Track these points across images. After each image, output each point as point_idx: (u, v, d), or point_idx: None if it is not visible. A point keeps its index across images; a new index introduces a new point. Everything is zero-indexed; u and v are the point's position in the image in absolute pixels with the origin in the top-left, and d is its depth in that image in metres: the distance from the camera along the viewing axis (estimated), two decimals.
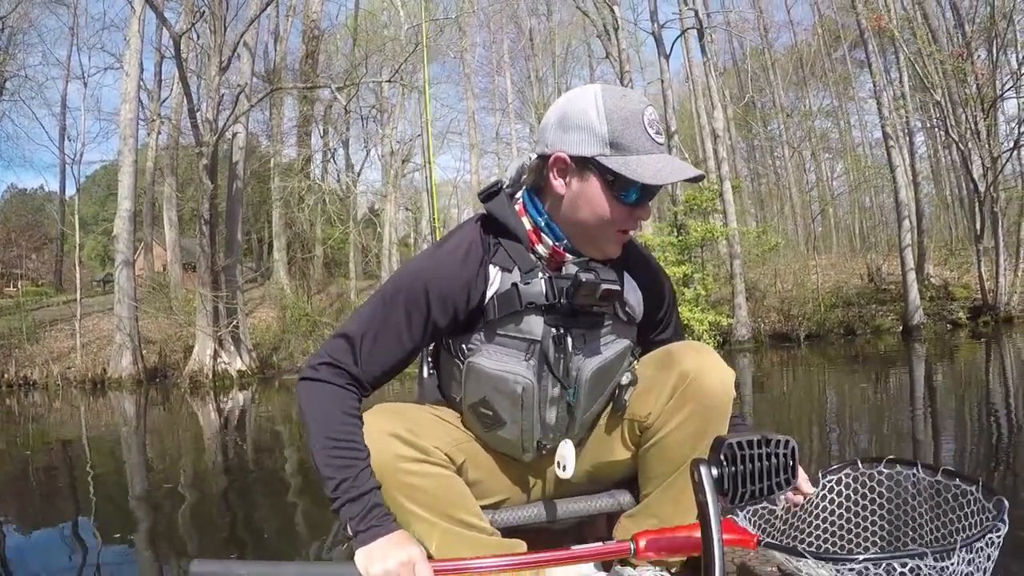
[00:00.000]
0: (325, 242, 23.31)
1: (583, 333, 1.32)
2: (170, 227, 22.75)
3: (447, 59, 26.82)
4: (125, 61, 14.69)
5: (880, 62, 16.28)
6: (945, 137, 16.23)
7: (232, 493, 4.78)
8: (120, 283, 14.65)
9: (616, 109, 1.20)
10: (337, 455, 1.18)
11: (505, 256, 1.29)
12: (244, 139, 16.54)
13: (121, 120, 14.72)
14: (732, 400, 1.34)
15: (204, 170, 14.07)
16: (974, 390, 7.33)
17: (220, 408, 11.05)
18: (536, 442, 1.38)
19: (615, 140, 1.19)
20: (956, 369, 9.39)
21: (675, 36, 21.04)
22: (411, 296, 1.26)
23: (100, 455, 6.94)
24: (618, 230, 1.26)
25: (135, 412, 11.12)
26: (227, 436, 7.92)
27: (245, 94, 14.47)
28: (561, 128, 1.23)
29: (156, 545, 3.70)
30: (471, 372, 1.32)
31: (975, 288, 15.09)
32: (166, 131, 21.31)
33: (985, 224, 13.88)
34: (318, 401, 1.23)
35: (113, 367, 14.82)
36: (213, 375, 14.68)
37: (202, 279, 14.69)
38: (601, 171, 1.21)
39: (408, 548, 1.11)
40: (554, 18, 28.73)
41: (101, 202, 30.85)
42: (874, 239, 24.52)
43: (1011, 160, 13.37)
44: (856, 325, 15.87)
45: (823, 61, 27.81)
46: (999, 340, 11.91)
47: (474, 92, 28.68)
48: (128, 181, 14.50)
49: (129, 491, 5.04)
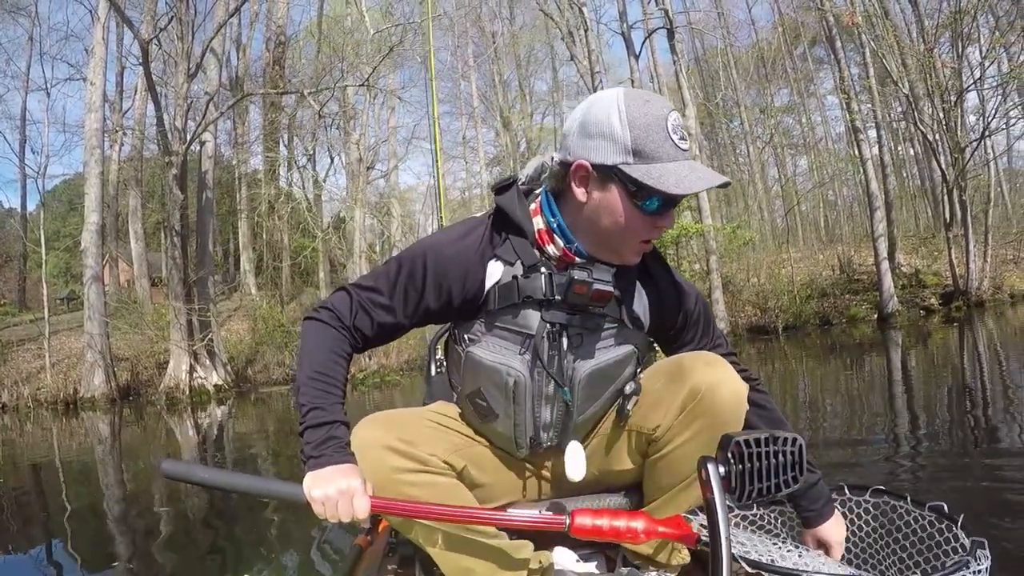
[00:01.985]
0: (297, 252, 22.98)
1: (581, 333, 1.31)
2: (136, 240, 22.23)
3: (412, 64, 26.72)
4: (89, 70, 14.28)
5: (845, 58, 16.60)
6: (913, 129, 16.59)
7: (212, 512, 4.62)
8: (90, 299, 14.22)
9: (639, 116, 1.17)
10: (315, 385, 1.23)
11: (510, 250, 1.30)
12: (213, 148, 16.24)
13: (86, 131, 14.31)
14: (744, 414, 1.30)
15: (174, 180, 13.76)
16: (952, 372, 7.48)
17: (198, 424, 10.78)
18: (529, 439, 1.38)
19: (638, 148, 1.17)
20: (933, 353, 9.58)
21: (642, 36, 21.24)
22: (410, 270, 1.29)
23: (75, 478, 6.68)
24: (639, 240, 1.26)
25: (110, 432, 10.80)
26: (207, 453, 7.71)
27: (214, 102, 14.17)
28: (583, 135, 1.22)
29: (134, 567, 3.54)
30: (469, 361, 1.34)
31: (945, 275, 15.46)
32: (129, 142, 20.85)
33: (954, 212, 14.21)
34: (313, 338, 1.29)
35: (85, 386, 14.39)
36: (190, 390, 14.34)
37: (175, 292, 14.35)
38: (624, 180, 1.19)
39: (351, 478, 1.15)
40: (517, 21, 28.81)
41: (62, 218, 30.10)
42: (839, 231, 25.04)
43: (977, 150, 13.68)
44: (831, 315, 16.15)
45: (784, 59, 28.33)
46: (972, 324, 12.20)
47: (438, 97, 28.54)
48: (95, 193, 14.09)
49: (107, 513, 4.85)
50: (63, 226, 28.86)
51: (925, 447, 4.08)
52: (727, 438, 1.06)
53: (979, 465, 3.56)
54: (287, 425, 9.68)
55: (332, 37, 21.05)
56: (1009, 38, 12.64)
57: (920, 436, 4.44)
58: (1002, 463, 3.49)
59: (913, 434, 4.57)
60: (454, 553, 1.29)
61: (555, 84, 32.43)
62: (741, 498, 1.05)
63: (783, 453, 1.07)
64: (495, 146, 30.27)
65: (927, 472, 3.56)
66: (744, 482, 1.04)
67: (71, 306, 26.60)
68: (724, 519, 1.02)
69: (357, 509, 1.14)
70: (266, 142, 22.78)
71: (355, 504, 1.13)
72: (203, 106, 14.05)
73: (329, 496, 1.13)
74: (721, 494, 1.04)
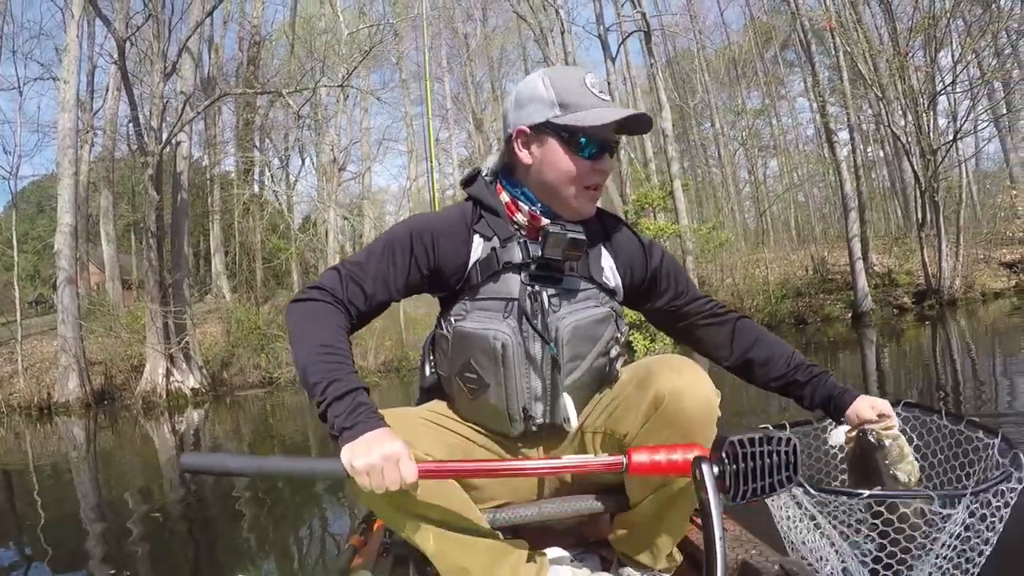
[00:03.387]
0: (273, 253, 22.71)
1: (559, 295, 1.38)
2: (107, 242, 21.73)
3: (387, 65, 26.60)
4: (62, 69, 13.94)
5: (821, 62, 16.91)
6: (886, 132, 16.95)
7: (202, 512, 4.52)
8: (63, 302, 13.87)
9: (559, 77, 1.35)
10: (324, 360, 1.20)
11: (486, 226, 1.40)
12: (188, 148, 15.97)
13: (60, 130, 13.95)
14: (715, 420, 1.29)
15: (150, 181, 13.51)
16: (927, 368, 7.64)
17: (176, 429, 10.56)
18: (522, 409, 1.39)
19: (563, 101, 1.33)
20: (907, 350, 9.80)
21: (617, 38, 21.36)
22: (399, 239, 1.36)
23: (51, 484, 6.47)
24: (584, 186, 1.37)
25: (86, 437, 10.54)
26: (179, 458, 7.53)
27: (190, 103, 13.95)
28: (517, 107, 1.38)
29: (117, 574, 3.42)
30: (456, 336, 1.38)
31: (918, 274, 15.81)
32: (100, 142, 20.42)
33: (927, 213, 14.54)
34: (307, 316, 1.28)
35: (59, 391, 14.03)
36: (167, 394, 14.09)
37: (151, 294, 14.08)
38: (556, 131, 1.34)
39: (393, 442, 1.10)
40: (489, 23, 28.81)
41: (30, 219, 29.34)
42: (809, 232, 25.47)
43: (949, 152, 14.01)
44: (806, 314, 16.42)
45: (755, 62, 28.74)
46: (944, 322, 12.49)
47: (411, 98, 28.56)
48: (68, 195, 13.74)
49: (84, 521, 4.66)
50: (31, 228, 28.11)
51: None
52: (721, 438, 1.07)
53: None
54: (264, 428, 9.56)
55: (306, 37, 20.88)
56: (980, 43, 12.98)
57: None
58: None
59: None
60: (449, 552, 1.27)
61: None
62: (735, 498, 1.06)
63: (777, 453, 1.08)
64: (467, 147, 30.26)
65: None
66: (738, 482, 1.06)
67: (39, 309, 25.92)
68: (719, 519, 1.03)
69: (405, 474, 1.09)
70: (240, 143, 22.48)
71: (402, 469, 1.09)
72: (179, 106, 13.83)
73: (374, 464, 1.07)
74: (716, 494, 1.05)
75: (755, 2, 29.01)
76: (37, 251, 26.04)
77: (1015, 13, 13.57)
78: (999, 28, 13.23)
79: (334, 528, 3.72)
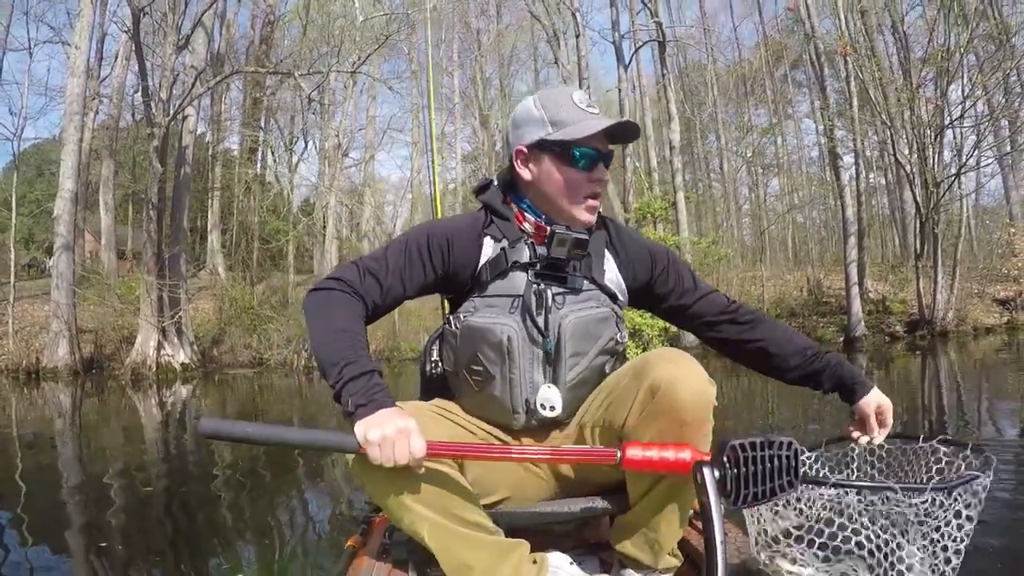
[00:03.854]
0: (271, 234, 22.62)
1: (563, 292, 1.45)
2: (106, 211, 21.59)
3: (395, 56, 26.47)
4: (75, 34, 13.85)
5: (831, 86, 16.97)
6: (891, 160, 17.02)
7: (200, 508, 4.33)
8: (59, 268, 13.80)
9: (548, 98, 1.45)
10: (341, 342, 1.27)
11: (497, 230, 1.48)
12: (195, 123, 15.92)
13: (67, 95, 13.85)
14: (710, 412, 1.31)
15: (155, 152, 13.46)
16: (916, 397, 7.63)
17: (163, 402, 10.52)
18: (525, 401, 1.44)
19: (553, 119, 1.42)
20: (897, 378, 9.81)
21: (631, 47, 21.36)
22: (417, 240, 1.44)
23: (35, 451, 6.35)
24: (584, 196, 1.46)
25: (72, 405, 10.49)
26: (172, 432, 7.45)
27: (202, 78, 13.89)
28: (514, 129, 1.50)
29: (89, 547, 3.37)
30: (464, 330, 1.44)
31: (912, 303, 15.88)
32: (105, 111, 20.24)
33: (925, 243, 14.61)
34: (326, 304, 1.36)
35: (48, 356, 13.96)
36: (157, 367, 14.03)
37: (147, 266, 14.03)
38: (550, 147, 1.43)
39: (405, 419, 1.17)
40: (503, 20, 28.76)
41: (28, 182, 29.09)
42: (806, 253, 25.55)
43: (952, 186, 14.08)
44: None
45: (764, 79, 28.80)
46: (935, 353, 12.55)
47: (419, 89, 28.51)
48: (72, 160, 13.65)
49: (64, 490, 4.61)
50: (29, 191, 27.87)
51: None
52: (723, 442, 1.08)
53: None
54: (251, 408, 9.53)
55: (320, 20, 20.79)
56: (991, 79, 13.03)
57: None
58: None
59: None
60: (452, 549, 1.30)
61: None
62: (736, 502, 1.07)
63: (778, 457, 1.09)
64: (471, 143, 30.21)
65: None
66: (739, 486, 1.07)
67: (31, 273, 25.72)
68: (720, 523, 1.04)
69: (414, 449, 1.15)
70: (247, 121, 22.38)
71: (412, 444, 1.15)
72: (189, 79, 13.76)
73: (387, 436, 1.13)
74: (716, 498, 1.06)
75: (769, 20, 29.16)
76: (34, 215, 25.82)
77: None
78: (1011, 67, 13.31)
79: (334, 528, 3.68)
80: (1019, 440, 4.80)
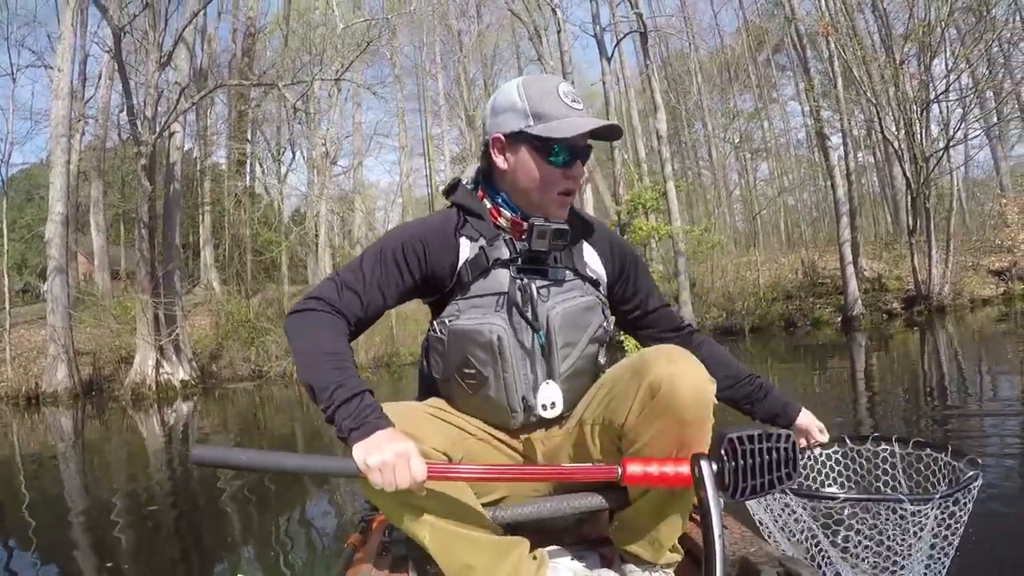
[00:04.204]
0: (264, 247, 22.55)
1: (547, 285, 1.44)
2: (97, 232, 21.51)
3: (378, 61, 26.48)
4: (57, 57, 13.80)
5: (814, 67, 16.98)
6: (879, 138, 17.06)
7: (199, 511, 4.42)
8: (53, 291, 13.76)
9: (534, 87, 1.39)
10: (328, 365, 1.25)
11: (472, 229, 1.45)
12: (182, 139, 15.87)
13: (53, 118, 13.82)
14: (710, 410, 1.30)
15: (143, 171, 13.40)
16: (917, 373, 7.71)
17: (165, 421, 10.50)
18: (522, 399, 1.42)
19: (536, 111, 1.38)
20: (897, 354, 9.88)
21: (612, 40, 21.38)
22: (391, 248, 1.40)
23: (39, 475, 6.36)
24: (558, 192, 1.42)
25: (74, 428, 10.46)
26: (175, 451, 7.42)
27: (186, 93, 13.84)
28: (493, 115, 1.44)
29: (100, 569, 3.36)
30: (452, 335, 1.41)
31: (907, 280, 15.91)
32: (91, 131, 20.16)
33: (918, 219, 14.64)
34: (308, 325, 1.33)
35: (47, 381, 13.92)
36: (156, 386, 14.00)
37: (142, 285, 13.98)
38: (529, 140, 1.39)
39: (404, 441, 1.15)
40: (483, 20, 28.76)
41: (18, 208, 29.02)
42: (798, 236, 25.58)
43: (941, 160, 14.10)
44: (796, 318, 16.52)
45: (747, 65, 28.82)
46: (933, 328, 12.60)
47: (403, 93, 28.53)
48: (60, 183, 13.62)
49: (70, 512, 4.58)
50: (19, 216, 27.81)
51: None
52: (720, 435, 1.08)
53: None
54: (253, 421, 9.52)
55: (300, 30, 20.72)
56: (973, 52, 13.05)
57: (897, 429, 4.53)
58: None
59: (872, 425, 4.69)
60: (453, 548, 1.29)
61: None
62: (735, 495, 1.07)
63: (776, 450, 1.09)
64: (459, 144, 30.21)
65: None
66: (737, 479, 1.06)
67: (25, 298, 25.64)
68: (718, 517, 1.04)
69: (415, 473, 1.13)
70: (234, 134, 22.32)
71: (412, 467, 1.13)
72: (173, 96, 13.72)
73: (387, 461, 1.12)
74: (715, 491, 1.05)
75: (749, 5, 29.18)
76: (25, 240, 25.72)
77: (1009, 24, 13.71)
78: (993, 38, 13.32)
79: (333, 527, 3.68)
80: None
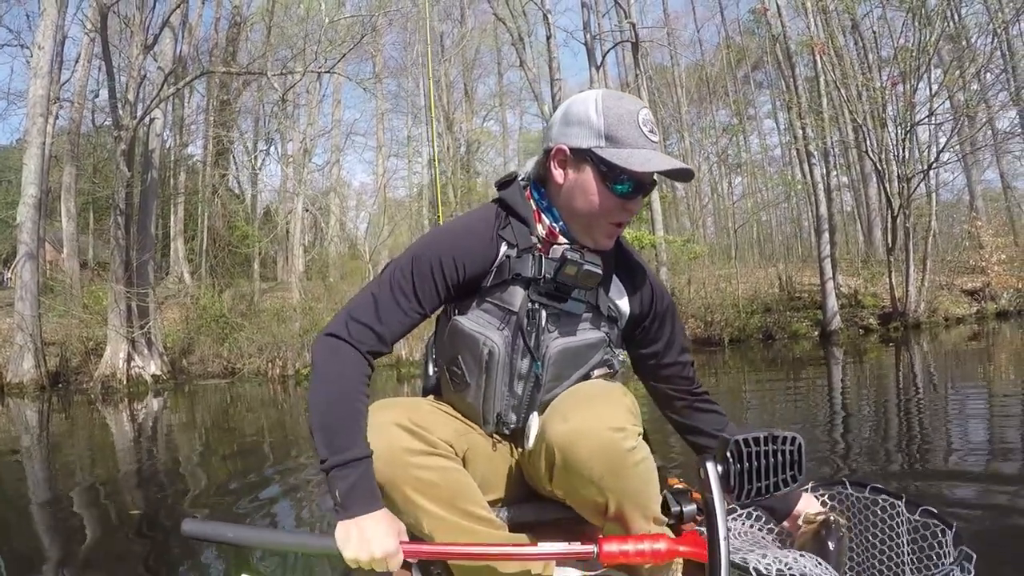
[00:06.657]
0: (241, 240, 22.11)
1: (558, 314, 1.40)
2: (68, 219, 20.83)
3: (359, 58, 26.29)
4: (39, 33, 13.32)
5: (801, 85, 17.28)
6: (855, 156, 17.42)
7: (194, 511, 4.16)
8: (23, 278, 13.24)
9: (613, 108, 1.31)
10: (341, 413, 1.23)
11: (511, 233, 1.40)
12: (162, 126, 15.47)
13: (30, 97, 13.31)
14: (626, 458, 1.23)
15: (122, 156, 12.99)
16: (889, 388, 7.77)
17: (135, 416, 10.14)
18: (496, 415, 1.44)
19: (610, 134, 1.30)
20: (874, 369, 10.00)
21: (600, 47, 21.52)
22: (426, 262, 1.35)
23: (9, 471, 6.04)
24: (610, 222, 1.37)
25: (40, 421, 10.05)
26: (148, 447, 7.10)
27: (170, 79, 13.49)
28: (564, 123, 1.36)
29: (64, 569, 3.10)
30: (452, 329, 1.42)
31: (884, 296, 16.26)
32: (66, 115, 19.55)
33: (897, 238, 14.96)
34: (337, 360, 1.28)
35: (13, 371, 13.37)
36: (127, 380, 13.57)
37: (116, 275, 13.53)
38: (596, 162, 1.32)
39: (387, 540, 1.16)
40: (467, 23, 28.82)
41: None
42: (771, 251, 25.99)
43: (924, 180, 14.46)
44: (774, 330, 16.74)
45: (726, 80, 29.30)
46: (909, 344, 12.85)
47: (383, 93, 28.41)
48: (35, 165, 13.10)
49: (32, 510, 4.28)
50: None
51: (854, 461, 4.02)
52: (726, 437, 1.07)
53: (904, 475, 3.63)
54: (224, 419, 9.24)
55: (285, 23, 20.43)
56: (958, 78, 13.43)
57: (851, 447, 4.43)
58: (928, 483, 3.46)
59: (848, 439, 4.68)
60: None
61: (499, 89, 32.68)
62: (740, 497, 1.06)
63: (782, 452, 1.08)
64: (437, 146, 30.11)
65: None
66: (743, 481, 1.05)
67: None
68: (723, 519, 1.03)
69: (391, 565, 1.17)
70: (219, 122, 21.90)
71: (389, 564, 1.17)
72: (156, 81, 13.37)
73: (361, 561, 1.16)
74: (720, 494, 1.05)
75: (731, 23, 29.69)
76: None
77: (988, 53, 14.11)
78: (978, 68, 13.73)
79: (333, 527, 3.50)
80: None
